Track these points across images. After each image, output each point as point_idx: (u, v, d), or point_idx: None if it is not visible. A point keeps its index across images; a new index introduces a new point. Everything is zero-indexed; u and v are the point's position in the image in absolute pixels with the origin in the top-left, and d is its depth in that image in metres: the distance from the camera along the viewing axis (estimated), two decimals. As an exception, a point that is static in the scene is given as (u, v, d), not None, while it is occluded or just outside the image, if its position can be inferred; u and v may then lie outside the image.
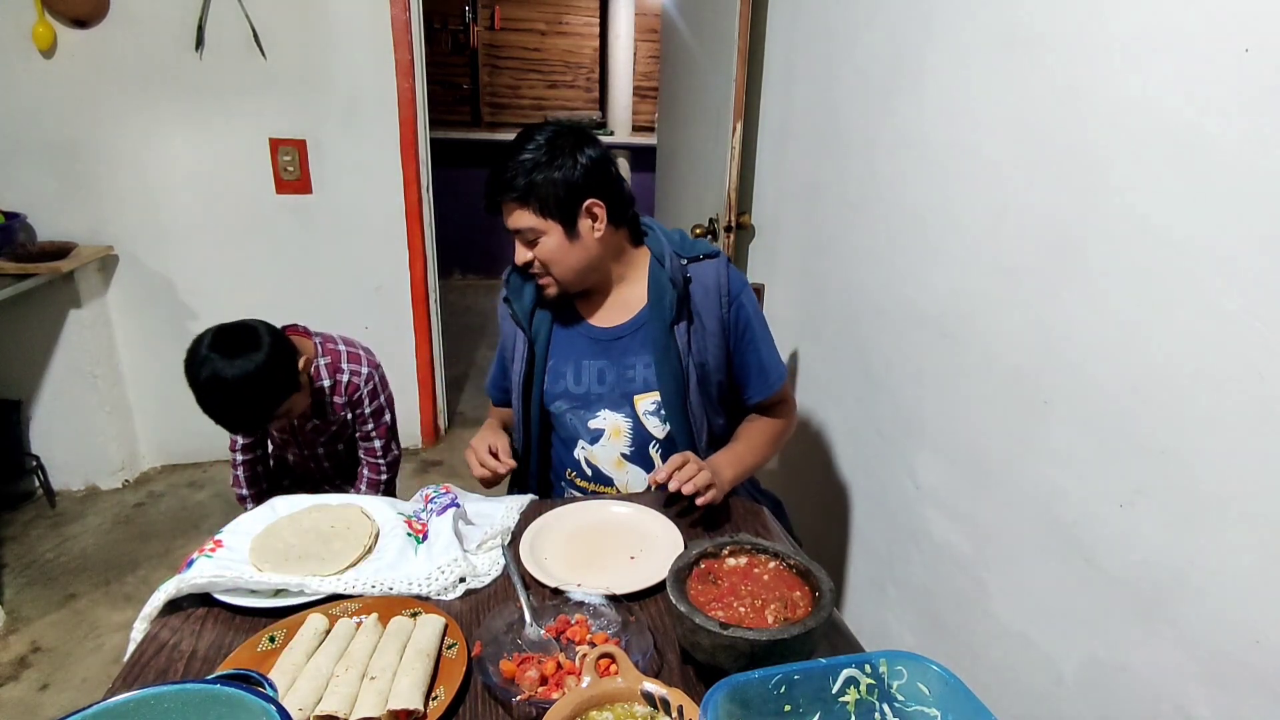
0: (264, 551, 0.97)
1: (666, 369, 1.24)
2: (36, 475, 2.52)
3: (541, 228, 1.17)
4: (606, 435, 1.29)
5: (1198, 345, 0.84)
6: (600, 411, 1.29)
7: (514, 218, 1.18)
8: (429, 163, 2.79)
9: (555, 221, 1.17)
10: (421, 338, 2.94)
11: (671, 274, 1.23)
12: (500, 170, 1.16)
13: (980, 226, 1.20)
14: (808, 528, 1.87)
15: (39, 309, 2.40)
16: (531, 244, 1.19)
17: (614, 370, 1.28)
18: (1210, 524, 0.84)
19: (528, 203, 1.16)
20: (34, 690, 1.77)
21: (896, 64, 1.41)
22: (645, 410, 1.27)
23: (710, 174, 2.05)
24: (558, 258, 1.20)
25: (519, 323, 1.29)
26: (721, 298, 1.26)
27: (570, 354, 1.29)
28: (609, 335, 1.28)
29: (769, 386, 1.32)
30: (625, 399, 1.28)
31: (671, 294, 1.22)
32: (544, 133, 1.18)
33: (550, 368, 1.30)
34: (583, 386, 1.28)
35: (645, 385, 1.27)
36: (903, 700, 0.67)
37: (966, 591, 1.27)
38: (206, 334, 1.34)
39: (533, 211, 1.16)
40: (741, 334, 1.29)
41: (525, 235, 1.19)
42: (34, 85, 2.33)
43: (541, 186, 1.15)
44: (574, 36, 5.99)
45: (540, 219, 1.17)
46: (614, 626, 0.85)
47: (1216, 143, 0.81)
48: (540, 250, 1.19)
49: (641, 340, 1.27)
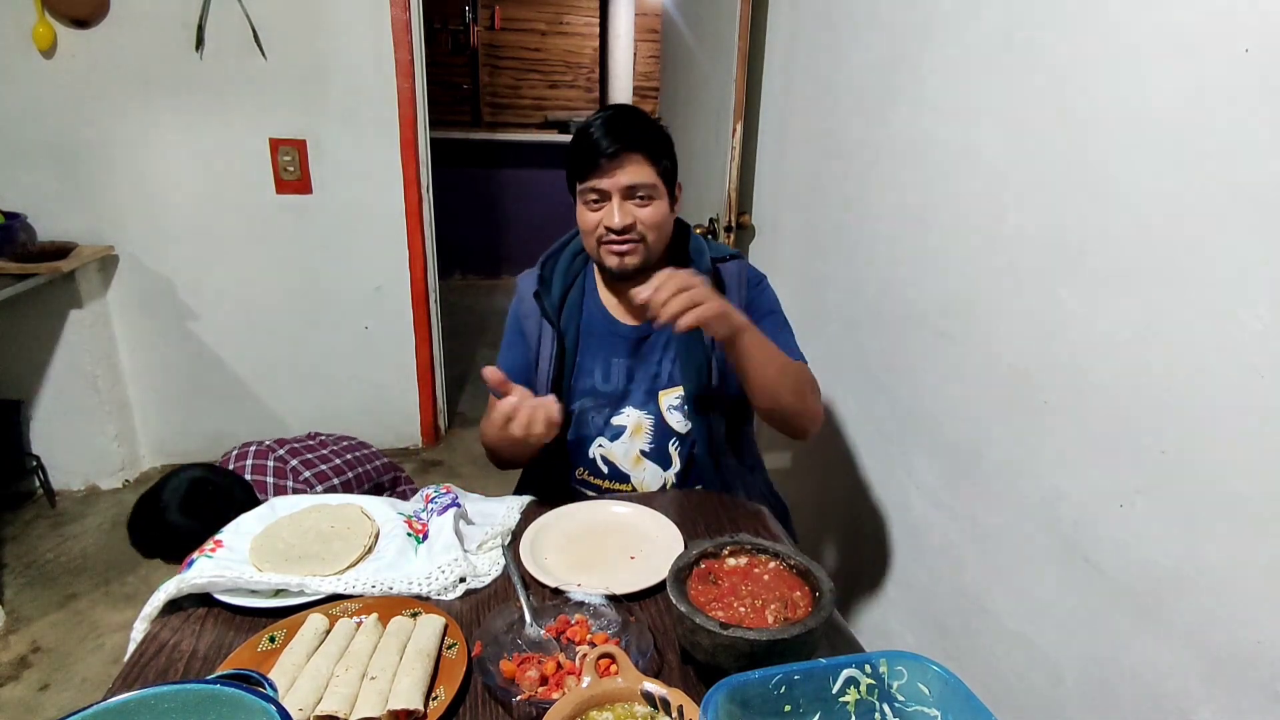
0: (264, 551, 0.97)
1: (691, 364, 1.24)
2: (36, 475, 2.52)
3: (660, 188, 1.16)
4: (628, 432, 1.28)
5: (1198, 345, 0.84)
6: (625, 408, 1.28)
7: (635, 171, 1.13)
8: (429, 163, 2.79)
9: (665, 186, 1.17)
10: (421, 338, 2.94)
11: (705, 269, 1.23)
12: (618, 122, 1.13)
13: (980, 226, 1.20)
14: (808, 528, 1.86)
15: (39, 309, 2.40)
16: (644, 202, 1.15)
17: (641, 367, 1.27)
18: (1210, 524, 0.84)
19: (654, 159, 1.14)
20: (34, 690, 1.76)
21: (896, 64, 1.41)
22: (669, 405, 1.27)
23: (710, 174, 2.05)
24: (661, 223, 1.18)
25: (549, 318, 1.26)
26: (742, 290, 1.27)
27: (599, 352, 1.28)
28: (636, 333, 1.27)
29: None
30: (651, 396, 1.27)
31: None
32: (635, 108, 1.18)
33: (577, 365, 1.28)
34: (612, 384, 1.27)
35: (670, 380, 1.27)
36: (903, 700, 0.67)
37: (966, 591, 1.27)
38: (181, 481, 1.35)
39: (657, 170, 1.15)
40: (763, 318, 1.26)
41: (640, 191, 1.14)
42: (34, 85, 2.33)
43: (664, 146, 1.15)
44: (574, 36, 5.99)
45: (659, 179, 1.15)
46: (614, 626, 0.85)
47: (1216, 143, 0.81)
48: (649, 212, 1.16)
49: (668, 336, 1.27)
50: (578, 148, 1.16)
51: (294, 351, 2.82)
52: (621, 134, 1.13)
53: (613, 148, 1.12)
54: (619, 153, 1.12)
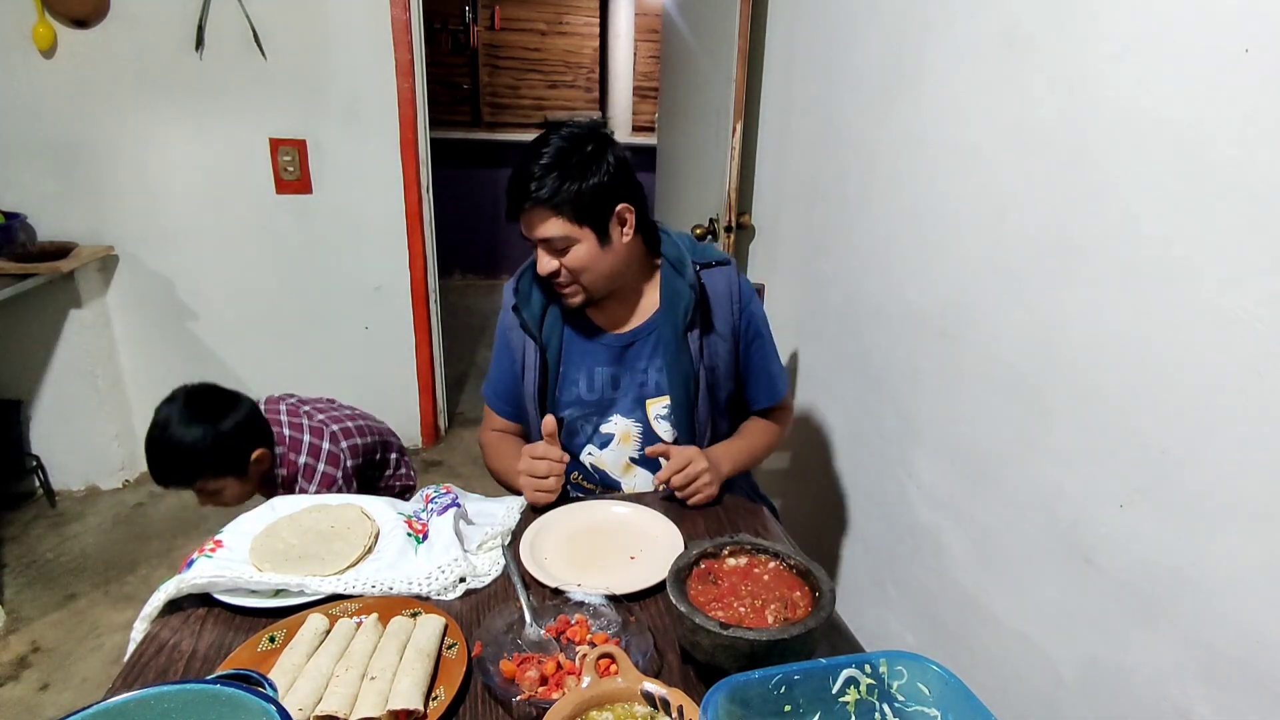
0: (264, 551, 0.97)
1: (678, 374, 1.23)
2: (36, 475, 2.52)
3: (575, 235, 1.12)
4: (616, 440, 1.29)
5: (1197, 345, 0.84)
6: (612, 416, 1.28)
7: (543, 226, 1.12)
8: (429, 163, 2.79)
9: (588, 228, 1.12)
10: (421, 338, 2.94)
11: (689, 280, 1.22)
12: (524, 176, 1.10)
13: (980, 227, 1.20)
14: (808, 528, 1.87)
15: (39, 309, 2.40)
16: (561, 252, 1.14)
17: (627, 375, 1.27)
18: (1210, 524, 0.84)
19: (560, 210, 1.10)
20: (34, 690, 1.76)
21: (896, 64, 1.41)
22: (656, 414, 1.27)
23: (710, 174, 2.05)
24: (589, 265, 1.15)
25: (529, 332, 1.25)
26: (733, 305, 1.26)
27: (582, 361, 1.27)
28: (621, 341, 1.27)
29: (776, 394, 1.33)
30: (638, 404, 1.27)
31: (689, 300, 1.21)
32: (565, 136, 1.12)
33: (562, 375, 1.28)
34: (595, 393, 1.27)
35: (657, 390, 1.27)
36: (903, 700, 0.67)
37: (966, 591, 1.27)
38: (192, 387, 1.37)
39: (565, 219, 1.11)
40: (751, 342, 1.29)
41: (554, 244, 1.13)
42: (34, 85, 2.33)
43: (573, 192, 1.09)
44: (574, 36, 5.99)
45: (573, 226, 1.11)
46: (614, 626, 0.85)
47: (1215, 143, 0.81)
48: (571, 258, 1.14)
49: (654, 345, 1.26)
50: (507, 188, 1.14)
51: (294, 351, 2.82)
52: (519, 195, 1.10)
53: (523, 205, 1.11)
54: (528, 210, 1.11)
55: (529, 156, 1.12)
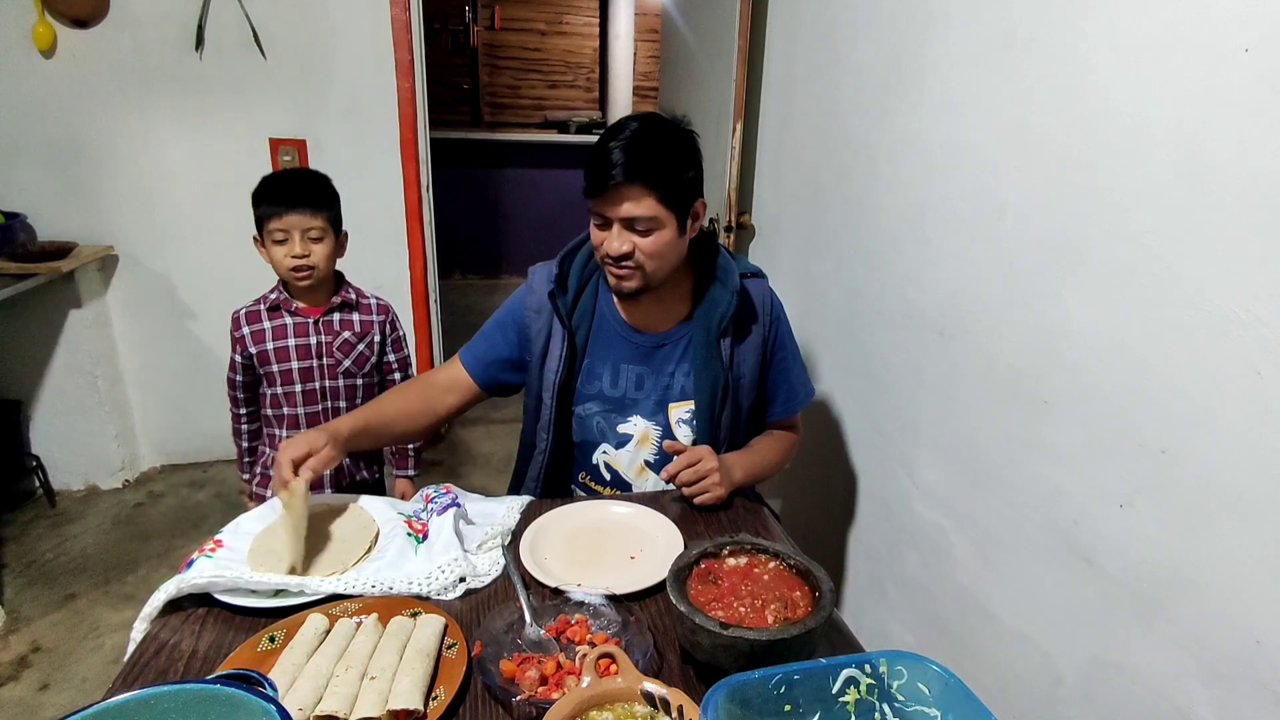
0: (264, 552, 0.97)
1: (706, 380, 1.23)
2: (36, 475, 2.52)
3: (662, 218, 1.11)
4: (634, 441, 1.28)
5: (1196, 345, 0.84)
6: (633, 417, 1.27)
7: (634, 204, 1.09)
8: (429, 163, 2.78)
9: (674, 214, 1.12)
10: (421, 338, 2.94)
11: (733, 288, 1.21)
12: (624, 150, 1.07)
13: (979, 227, 1.20)
14: (808, 528, 1.87)
15: (39, 309, 2.40)
16: (643, 234, 1.11)
17: (653, 377, 1.26)
18: (1210, 524, 0.84)
19: (655, 189, 1.09)
20: (34, 690, 1.76)
21: (896, 64, 1.41)
22: (678, 419, 1.27)
23: (710, 174, 2.05)
24: (663, 251, 1.13)
25: (561, 318, 1.23)
26: (764, 317, 1.27)
27: (608, 356, 1.26)
28: (651, 342, 1.26)
29: (795, 406, 1.33)
30: (661, 407, 1.26)
31: (727, 307, 1.20)
32: (663, 123, 1.13)
33: (585, 368, 1.26)
34: (619, 390, 1.26)
35: (682, 394, 1.26)
36: (903, 700, 0.67)
37: (966, 591, 1.27)
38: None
39: (658, 199, 1.09)
40: (776, 353, 1.29)
41: (639, 223, 1.10)
42: (34, 85, 2.33)
43: (672, 175, 1.09)
44: (574, 36, 5.99)
45: (662, 208, 1.10)
46: (614, 626, 0.85)
47: (1215, 143, 0.81)
48: (651, 242, 1.11)
49: (683, 349, 1.26)
50: (590, 164, 1.12)
51: (294, 351, 2.81)
52: (629, 165, 1.08)
53: (616, 179, 1.08)
54: (621, 185, 1.08)
55: (625, 136, 1.09)
